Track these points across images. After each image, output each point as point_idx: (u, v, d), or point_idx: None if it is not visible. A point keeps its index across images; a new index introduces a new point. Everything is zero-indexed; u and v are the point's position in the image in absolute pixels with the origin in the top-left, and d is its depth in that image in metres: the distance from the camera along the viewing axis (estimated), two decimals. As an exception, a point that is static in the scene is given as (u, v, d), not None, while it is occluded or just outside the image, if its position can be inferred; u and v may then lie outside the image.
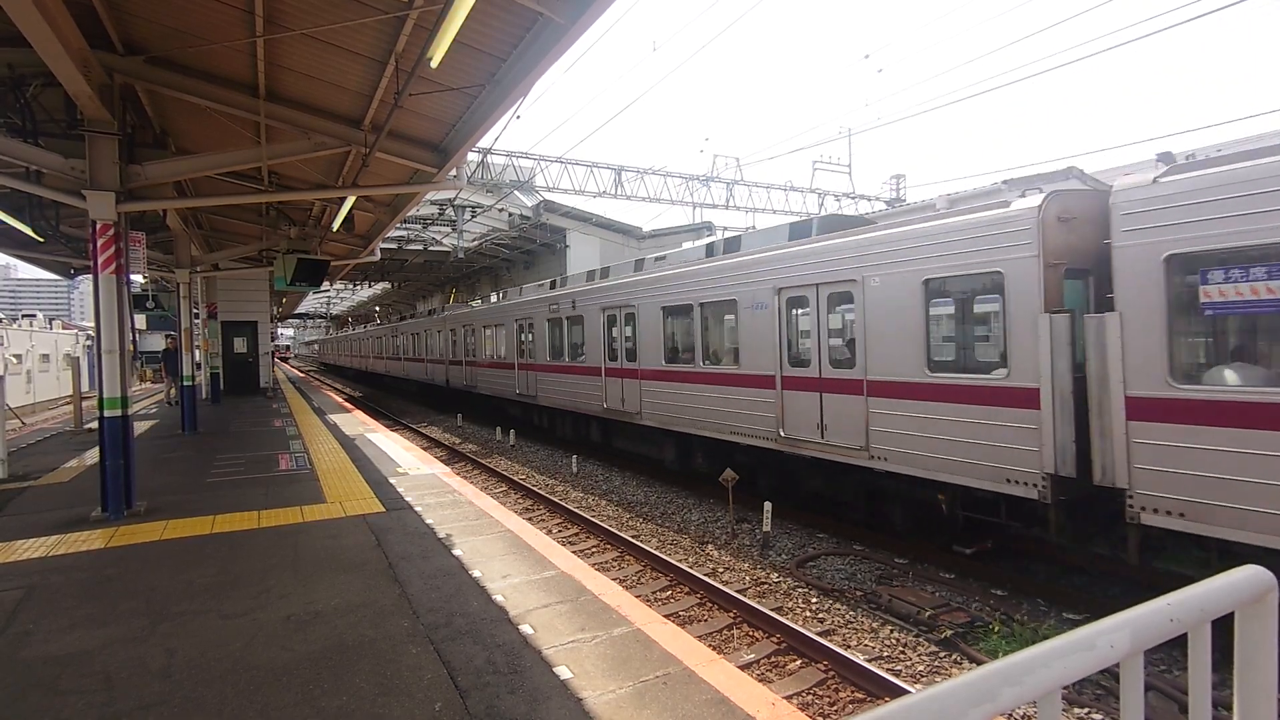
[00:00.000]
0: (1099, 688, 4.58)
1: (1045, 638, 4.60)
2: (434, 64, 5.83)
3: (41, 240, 11.12)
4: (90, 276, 6.71)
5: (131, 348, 7.03)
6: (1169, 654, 4.89)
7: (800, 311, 8.15)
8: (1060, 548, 6.18)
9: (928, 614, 5.66)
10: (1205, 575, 1.17)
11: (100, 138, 6.49)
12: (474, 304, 22.55)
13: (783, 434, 8.16)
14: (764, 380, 8.45)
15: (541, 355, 14.86)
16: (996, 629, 5.44)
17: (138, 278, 16.16)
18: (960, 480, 6.14)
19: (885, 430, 6.81)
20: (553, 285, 15.36)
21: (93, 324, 6.91)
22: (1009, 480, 5.71)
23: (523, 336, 15.99)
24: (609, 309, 12.06)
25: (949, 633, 5.40)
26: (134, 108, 7.88)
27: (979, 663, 5.08)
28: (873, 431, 6.94)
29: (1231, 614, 1.21)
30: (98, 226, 6.43)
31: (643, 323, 11.06)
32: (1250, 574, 1.21)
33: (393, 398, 30.89)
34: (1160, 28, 9.50)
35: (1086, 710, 4.37)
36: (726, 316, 9.56)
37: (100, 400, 6.53)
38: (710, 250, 10.14)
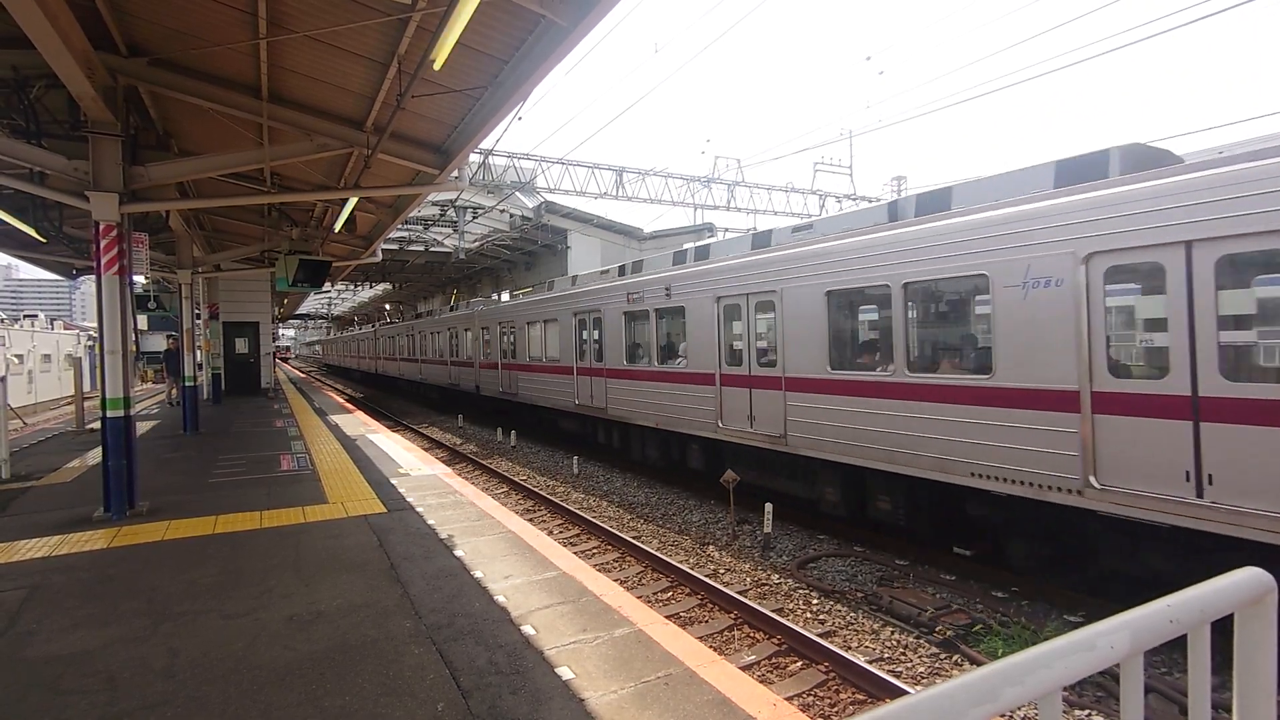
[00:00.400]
0: (1099, 689, 4.59)
1: (1046, 639, 4.58)
2: (436, 66, 5.85)
3: (44, 241, 11.15)
4: (92, 277, 6.73)
5: (134, 348, 7.04)
6: (1169, 656, 4.89)
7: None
8: (1062, 552, 6.17)
9: (928, 615, 5.66)
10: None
11: (104, 139, 6.51)
12: (504, 297, 21.51)
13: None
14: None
15: (615, 357, 12.29)
16: (997, 630, 5.44)
17: (140, 278, 16.19)
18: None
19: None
20: (622, 271, 12.95)
21: (94, 324, 6.93)
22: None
23: (584, 334, 13.56)
24: (734, 298, 9.08)
25: (949, 634, 5.40)
26: (137, 109, 7.91)
27: (979, 664, 5.08)
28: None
29: (1231, 615, 1.22)
30: (101, 227, 6.45)
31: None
32: (1250, 576, 1.21)
33: (394, 398, 30.91)
34: (1164, 29, 9.51)
35: (1087, 712, 4.37)
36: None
37: (103, 400, 6.55)
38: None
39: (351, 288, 44.50)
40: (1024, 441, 5.72)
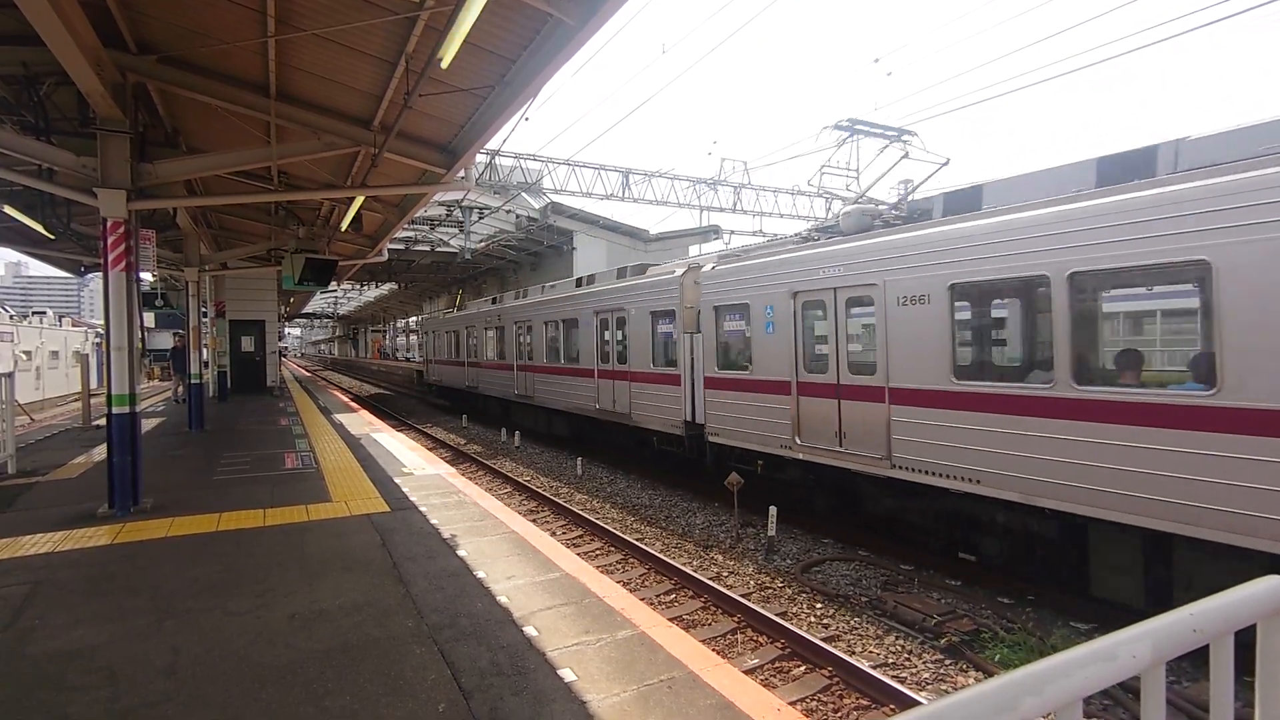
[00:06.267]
0: (1106, 697, 4.54)
1: (1053, 647, 4.50)
2: (444, 65, 5.85)
3: (53, 237, 11.21)
4: (100, 274, 6.74)
5: (140, 345, 7.06)
6: (1175, 664, 4.83)
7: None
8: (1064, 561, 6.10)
9: (933, 621, 5.61)
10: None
11: (112, 136, 6.53)
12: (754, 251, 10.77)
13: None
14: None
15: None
16: (1003, 637, 5.39)
17: (147, 275, 16.26)
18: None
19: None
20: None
21: (102, 321, 6.95)
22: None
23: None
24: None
25: (954, 640, 5.35)
26: (146, 106, 7.93)
27: (986, 671, 5.04)
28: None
29: (1253, 625, 1.19)
30: (108, 224, 6.46)
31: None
32: (1273, 585, 1.18)
33: (400, 398, 30.94)
34: (1177, 31, 9.44)
35: (1095, 721, 4.33)
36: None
37: (108, 396, 6.56)
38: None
39: (357, 287, 44.60)
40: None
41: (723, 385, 9.47)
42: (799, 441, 8.12)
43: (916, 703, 4.40)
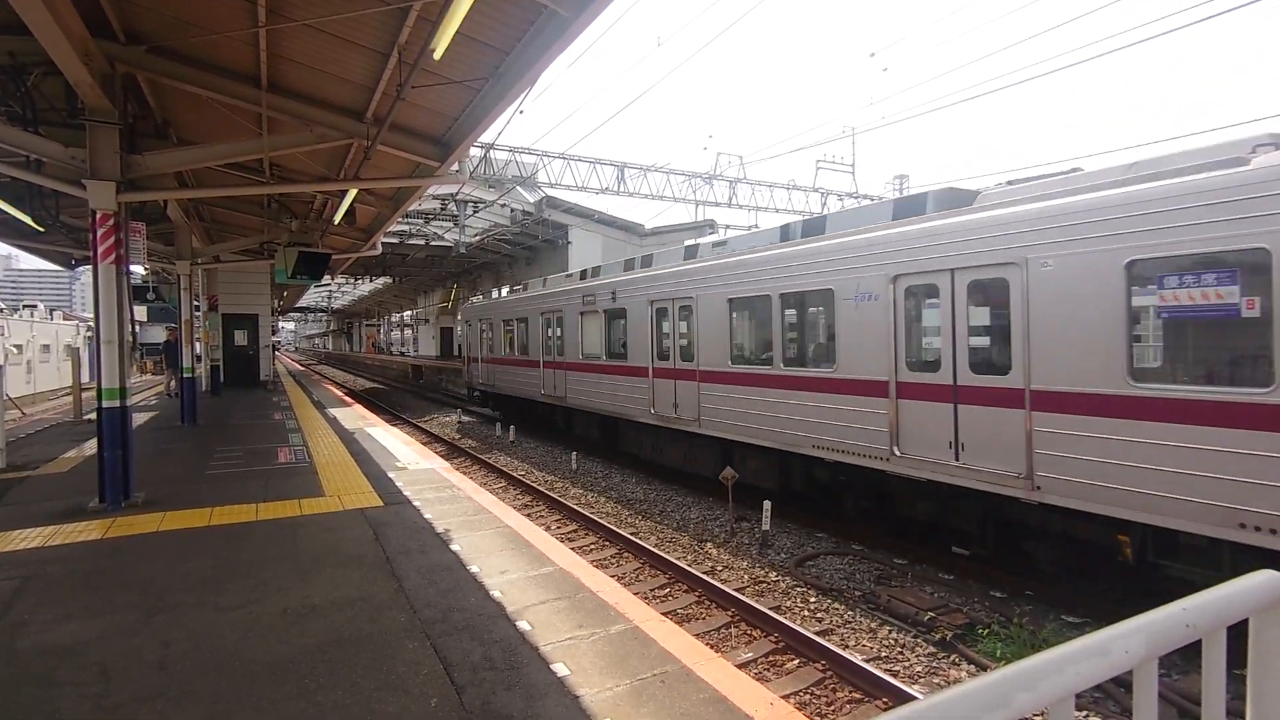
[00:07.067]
0: (1097, 690, 4.56)
1: (1045, 640, 4.51)
2: (437, 56, 5.80)
3: (42, 230, 11.09)
4: (90, 267, 6.68)
5: (131, 339, 7.00)
6: (1166, 657, 4.84)
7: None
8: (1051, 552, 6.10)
9: (926, 615, 5.63)
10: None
11: (101, 127, 6.45)
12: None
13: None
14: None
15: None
16: (995, 630, 5.41)
17: (138, 269, 16.14)
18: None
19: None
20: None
21: (93, 315, 6.89)
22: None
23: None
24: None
25: (947, 634, 5.38)
26: (135, 97, 7.85)
27: (978, 664, 5.06)
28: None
29: (1245, 620, 1.18)
30: (98, 216, 6.40)
31: None
32: (1266, 579, 1.18)
33: (394, 393, 30.85)
34: (1170, 28, 9.45)
35: (1085, 714, 4.35)
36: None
37: (99, 390, 6.51)
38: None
39: (351, 281, 44.42)
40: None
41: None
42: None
43: (910, 696, 4.42)
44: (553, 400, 14.54)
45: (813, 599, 6.28)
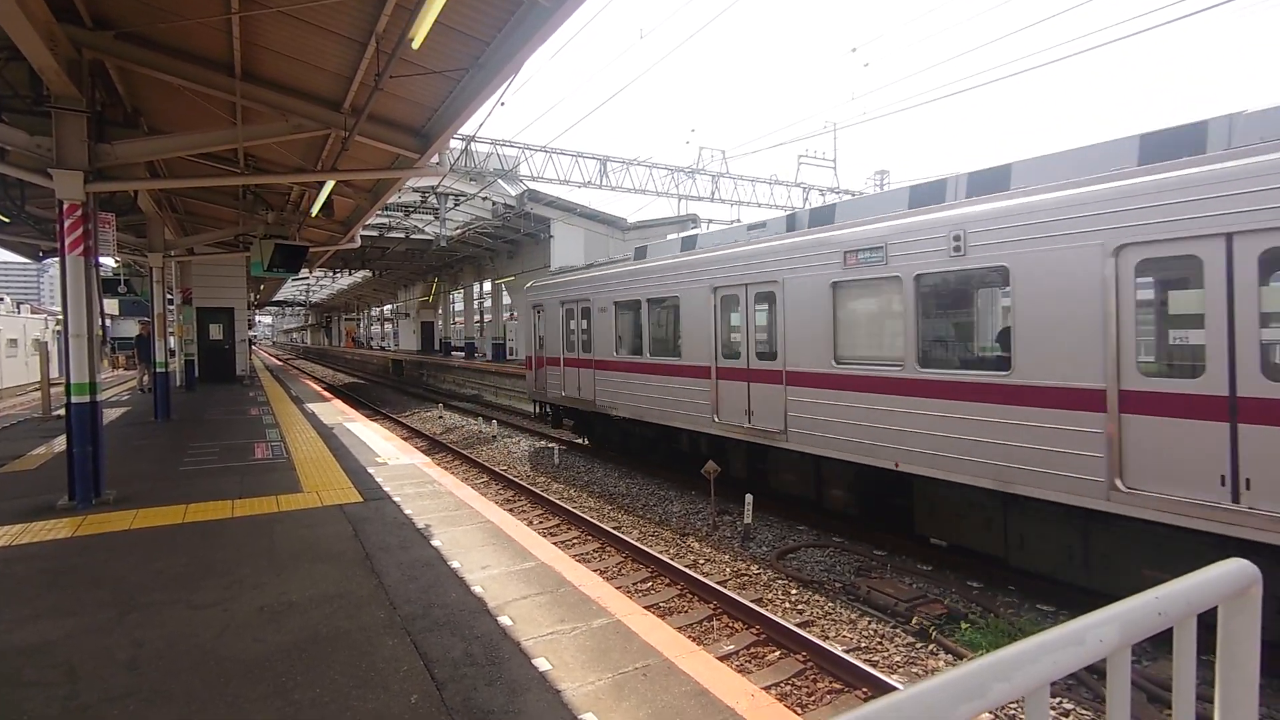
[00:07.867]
0: (1071, 677, 4.65)
1: (1021, 629, 4.56)
2: (415, 45, 5.72)
3: (7, 220, 10.80)
4: (59, 259, 6.50)
5: (101, 333, 6.84)
6: (1138, 644, 4.94)
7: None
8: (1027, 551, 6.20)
9: (905, 606, 5.70)
10: None
11: (68, 115, 6.27)
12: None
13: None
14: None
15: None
16: (972, 620, 5.50)
17: (108, 260, 15.77)
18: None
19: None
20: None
21: (61, 308, 6.72)
22: None
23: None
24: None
25: (926, 624, 5.45)
26: (104, 84, 7.64)
27: (956, 654, 5.13)
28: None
29: (1215, 608, 1.20)
30: (65, 207, 6.23)
31: None
32: (1235, 568, 1.20)
33: (374, 387, 30.50)
34: (1151, 25, 9.58)
35: (1058, 700, 4.43)
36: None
37: (67, 385, 6.35)
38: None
39: (330, 274, 43.83)
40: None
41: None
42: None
43: (889, 686, 4.47)
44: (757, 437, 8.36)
45: (794, 591, 6.33)
